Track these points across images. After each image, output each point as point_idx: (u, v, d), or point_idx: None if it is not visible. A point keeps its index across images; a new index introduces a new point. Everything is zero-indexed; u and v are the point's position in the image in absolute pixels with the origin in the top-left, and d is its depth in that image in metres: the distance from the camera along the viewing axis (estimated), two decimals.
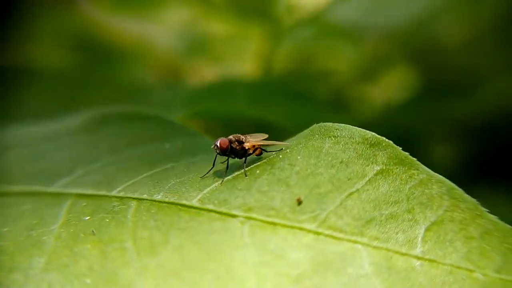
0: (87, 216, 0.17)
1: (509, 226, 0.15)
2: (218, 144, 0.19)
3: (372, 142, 0.18)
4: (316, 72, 0.52)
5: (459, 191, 0.16)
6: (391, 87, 0.54)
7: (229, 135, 0.20)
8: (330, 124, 0.19)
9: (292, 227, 0.16)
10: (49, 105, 0.28)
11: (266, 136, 0.21)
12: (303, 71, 0.51)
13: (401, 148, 0.17)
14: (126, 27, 0.48)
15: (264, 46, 0.42)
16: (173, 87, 0.33)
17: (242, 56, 0.53)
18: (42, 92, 0.29)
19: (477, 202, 0.15)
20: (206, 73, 0.50)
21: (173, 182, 0.19)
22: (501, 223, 0.15)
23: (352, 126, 0.19)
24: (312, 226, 0.16)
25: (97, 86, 0.30)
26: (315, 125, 0.20)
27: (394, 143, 0.18)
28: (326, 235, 0.16)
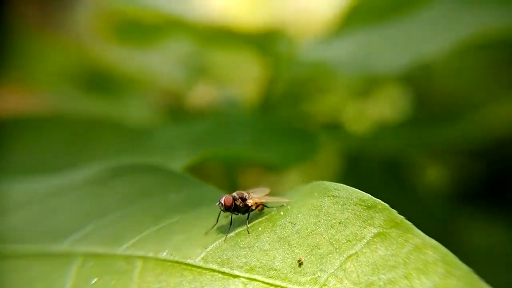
0: (95, 278, 0.17)
1: None
2: (223, 202, 0.20)
3: (369, 204, 0.18)
4: (311, 92, 0.53)
5: (453, 257, 0.16)
6: (383, 107, 0.55)
7: (232, 192, 0.20)
8: (328, 183, 0.20)
9: None
10: (51, 152, 0.29)
11: (268, 191, 0.21)
12: (301, 92, 0.52)
13: (396, 212, 0.18)
14: (127, 58, 0.49)
15: (263, 75, 0.43)
16: (176, 126, 0.33)
17: (243, 80, 0.54)
18: (42, 140, 0.29)
19: (471, 270, 0.16)
20: (205, 97, 0.51)
21: (178, 238, 0.19)
22: None
23: (349, 187, 0.19)
24: None
25: (101, 126, 0.31)
26: (314, 182, 0.20)
27: (387, 165, 0.18)
28: None
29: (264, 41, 0.38)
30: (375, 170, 0.46)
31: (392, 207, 0.18)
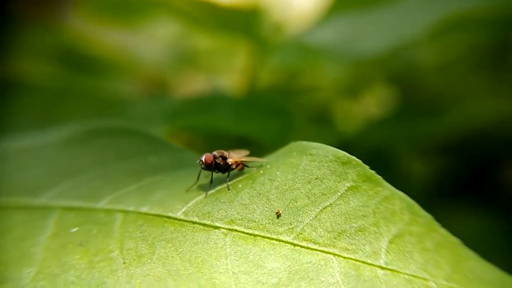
0: (75, 228, 0.18)
1: (457, 240, 0.17)
2: (203, 159, 0.20)
3: (344, 161, 0.20)
4: (300, 87, 0.54)
5: (417, 207, 0.18)
6: (370, 104, 0.57)
7: (213, 150, 0.21)
8: (306, 142, 0.21)
9: (271, 238, 0.18)
10: (34, 118, 0.28)
11: (248, 152, 0.22)
12: (288, 86, 0.53)
13: (368, 167, 0.19)
14: (111, 40, 0.48)
15: (250, 62, 0.44)
16: (156, 100, 0.34)
17: (228, 70, 0.54)
18: (27, 105, 0.30)
19: (432, 217, 0.17)
20: (191, 86, 0.51)
21: (159, 195, 0.20)
22: (451, 236, 0.17)
23: (326, 146, 0.20)
24: (289, 238, 0.18)
25: (81, 99, 0.31)
26: (292, 143, 0.21)
27: (373, 158, 0.20)
28: (302, 246, 0.17)
29: (248, 21, 0.39)
30: (363, 157, 0.47)
31: None
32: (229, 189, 0.20)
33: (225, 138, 0.32)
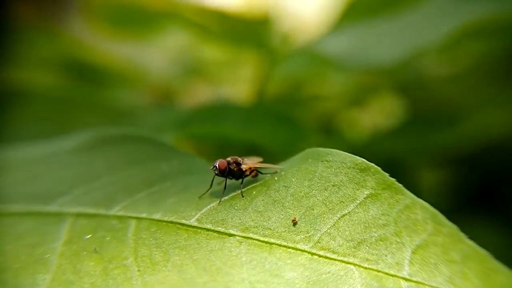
0: (88, 235, 0.17)
1: (485, 252, 0.16)
2: (217, 165, 0.20)
3: (362, 168, 0.19)
4: (308, 97, 0.54)
5: (441, 216, 0.17)
6: (379, 114, 0.57)
7: (226, 157, 0.21)
8: (322, 149, 0.20)
9: (287, 247, 0.17)
10: (42, 127, 0.28)
11: (261, 159, 0.22)
12: (295, 96, 0.53)
13: (388, 174, 0.19)
14: (118, 50, 0.49)
15: (258, 71, 0.44)
16: (165, 109, 0.34)
17: (236, 79, 0.54)
18: (35, 115, 0.30)
19: (458, 227, 0.17)
20: (199, 96, 0.51)
21: (172, 201, 0.20)
22: (479, 248, 0.16)
23: (343, 152, 0.20)
24: (306, 247, 0.17)
25: (90, 108, 0.31)
26: (308, 149, 0.21)
27: (383, 168, 0.19)
28: (320, 256, 0.17)
29: (259, 30, 0.39)
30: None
31: None
32: (243, 196, 0.20)
33: (234, 146, 0.32)
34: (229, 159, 0.20)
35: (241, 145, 0.31)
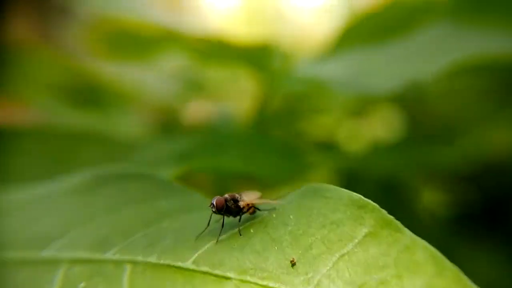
0: (82, 282, 0.17)
1: None
2: (215, 203, 0.20)
3: (360, 205, 0.19)
4: (308, 110, 0.54)
5: (442, 257, 0.17)
6: (379, 127, 0.57)
7: (224, 193, 0.21)
8: (320, 184, 0.20)
9: None
10: (39, 163, 0.28)
11: (259, 194, 0.22)
12: (295, 109, 0.53)
13: (386, 212, 0.18)
14: (119, 72, 0.49)
15: (258, 90, 0.44)
16: (164, 140, 0.34)
17: (237, 94, 0.55)
18: (30, 150, 0.29)
19: (460, 270, 0.16)
20: (199, 113, 0.52)
21: (168, 241, 0.19)
22: None
23: (340, 188, 0.20)
24: None
25: (90, 142, 0.31)
26: (306, 185, 0.21)
27: (382, 186, 0.19)
28: None
29: (259, 56, 0.39)
30: (370, 192, 0.47)
31: None
32: (240, 234, 0.19)
33: (234, 177, 0.32)
34: (226, 196, 0.20)
35: (241, 176, 0.31)
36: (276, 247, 0.18)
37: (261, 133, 0.38)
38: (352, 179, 0.48)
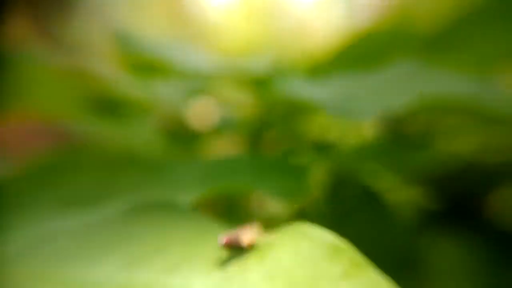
0: None
1: None
2: (223, 242, 0.25)
3: (334, 245, 0.22)
4: (302, 112, 0.58)
5: None
6: (363, 129, 0.61)
7: (232, 228, 0.26)
8: (307, 225, 0.24)
9: None
10: (84, 188, 0.32)
11: (259, 225, 0.27)
12: (291, 113, 0.57)
13: (358, 253, 0.22)
14: (136, 87, 0.52)
15: (254, 105, 0.48)
16: (184, 163, 0.38)
17: (238, 99, 0.58)
18: (68, 178, 0.34)
19: None
20: (205, 117, 0.56)
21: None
22: None
23: (320, 228, 0.23)
24: None
25: (119, 163, 0.35)
26: (295, 224, 0.25)
27: (362, 189, 0.22)
28: None
29: (262, 83, 0.43)
30: (355, 191, 0.51)
31: (366, 230, 0.22)
32: (239, 270, 0.23)
33: (242, 194, 0.37)
34: (233, 236, 0.25)
35: (248, 193, 0.36)
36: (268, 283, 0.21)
37: (264, 155, 0.43)
38: (339, 178, 0.53)
